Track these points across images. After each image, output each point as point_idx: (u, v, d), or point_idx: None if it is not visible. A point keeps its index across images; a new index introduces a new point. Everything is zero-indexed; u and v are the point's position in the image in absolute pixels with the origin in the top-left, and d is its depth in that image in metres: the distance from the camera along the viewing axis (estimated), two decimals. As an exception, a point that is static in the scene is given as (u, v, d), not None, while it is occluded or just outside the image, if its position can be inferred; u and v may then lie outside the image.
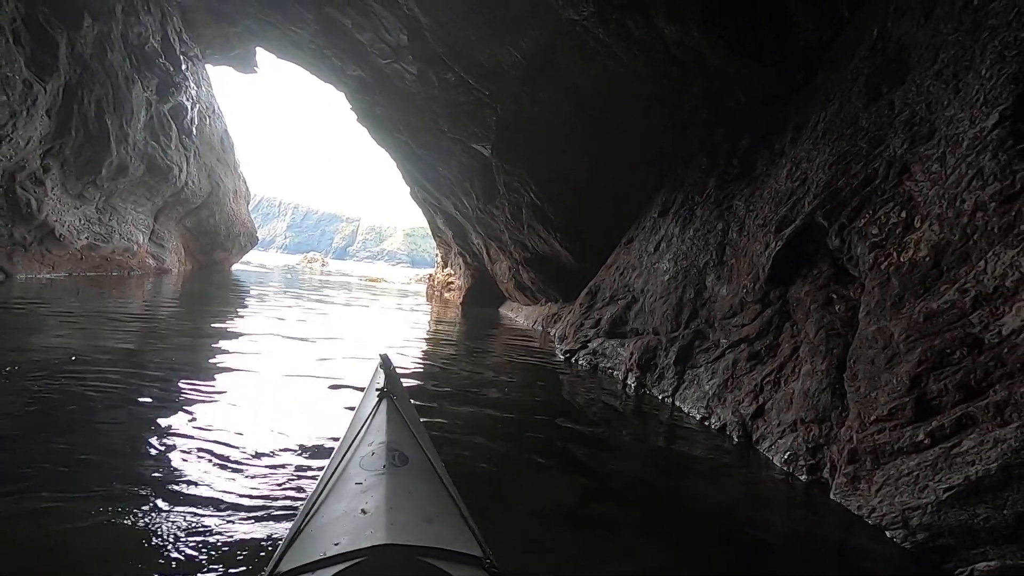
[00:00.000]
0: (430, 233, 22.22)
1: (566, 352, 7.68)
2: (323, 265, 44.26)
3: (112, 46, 11.55)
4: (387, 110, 12.12)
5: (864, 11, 5.06)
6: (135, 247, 14.99)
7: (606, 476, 3.63)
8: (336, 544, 1.43)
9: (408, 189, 18.70)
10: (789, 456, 3.53)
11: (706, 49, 6.47)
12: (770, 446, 3.78)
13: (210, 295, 14.29)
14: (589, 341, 7.35)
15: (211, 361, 5.74)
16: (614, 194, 9.28)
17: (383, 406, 2.24)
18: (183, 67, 14.94)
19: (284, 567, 1.41)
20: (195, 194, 17.25)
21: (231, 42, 16.93)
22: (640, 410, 5.41)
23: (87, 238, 12.79)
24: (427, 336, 10.72)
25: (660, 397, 5.39)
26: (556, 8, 6.99)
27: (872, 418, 2.90)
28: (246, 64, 19.01)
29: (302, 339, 7.78)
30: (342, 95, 14.76)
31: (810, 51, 5.90)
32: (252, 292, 15.91)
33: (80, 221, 12.42)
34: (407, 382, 5.75)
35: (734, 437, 4.20)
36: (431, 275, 24.65)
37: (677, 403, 5.17)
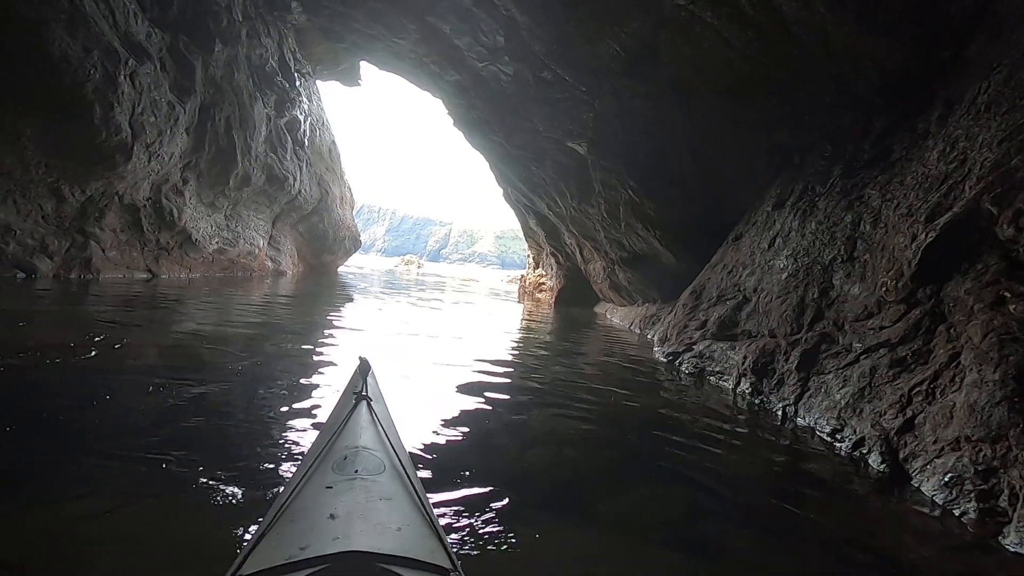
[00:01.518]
0: (519, 235, 22.39)
1: (668, 355, 7.32)
2: (419, 267, 46.16)
3: (238, 67, 12.72)
4: (483, 113, 12.31)
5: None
6: (256, 251, 16.40)
7: (714, 494, 3.30)
8: (302, 548, 1.39)
9: (501, 191, 18.96)
10: (951, 479, 3.05)
11: (832, 26, 5.88)
12: (924, 466, 3.30)
13: (323, 293, 15.31)
14: (694, 343, 6.95)
15: (325, 353, 6.07)
16: (720, 188, 8.75)
17: (360, 410, 2.18)
18: (297, 83, 16.16)
19: (248, 569, 1.37)
20: (307, 201, 18.59)
21: (338, 58, 18.12)
22: (755, 419, 5.00)
23: (217, 243, 14.17)
24: (519, 335, 10.73)
25: (780, 405, 4.93)
26: (660, -6, 6.70)
27: (1071, 439, 2.42)
28: (351, 78, 20.26)
29: (408, 333, 8.06)
30: (437, 103, 15.27)
31: (959, 19, 5.17)
32: (360, 291, 16.88)
33: (212, 227, 13.78)
34: (499, 380, 5.76)
35: (874, 454, 3.72)
36: (523, 276, 24.79)
37: (800, 413, 4.71)
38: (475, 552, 2.29)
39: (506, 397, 5.20)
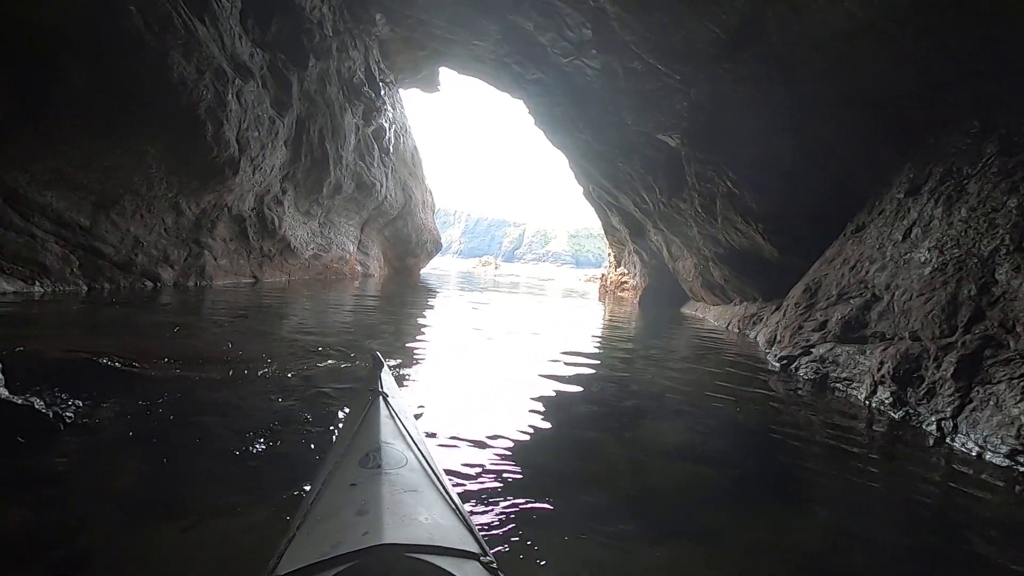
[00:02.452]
0: (593, 233, 22.03)
1: (781, 359, 6.74)
2: (496, 268, 46.67)
3: (330, 81, 13.28)
4: (566, 109, 12.08)
5: None
6: (347, 255, 17.11)
7: (860, 523, 2.89)
8: (334, 545, 1.42)
9: (579, 190, 18.65)
10: None
11: (982, -20, 5.15)
12: None
13: (412, 294, 15.72)
14: (812, 346, 6.34)
15: (416, 347, 6.09)
16: (832, 175, 7.99)
17: (377, 406, 2.22)
18: (382, 93, 16.67)
19: (283, 569, 1.40)
20: (392, 206, 19.18)
21: (419, 65, 18.55)
22: (898, 435, 4.42)
23: (312, 249, 14.90)
24: (609, 335, 10.37)
25: (933, 419, 4.32)
26: (768, -33, 6.18)
27: None
28: (431, 84, 20.71)
29: (498, 330, 8.00)
30: (511, 105, 15.41)
31: None
32: (444, 292, 17.20)
33: (308, 235, 14.50)
34: (599, 386, 5.53)
35: (1075, 481, 3.12)
36: (603, 275, 24.29)
37: (961, 429, 4.10)
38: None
39: (609, 405, 4.94)
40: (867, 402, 5.09)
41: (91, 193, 8.17)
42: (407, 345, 7.08)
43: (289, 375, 4.49)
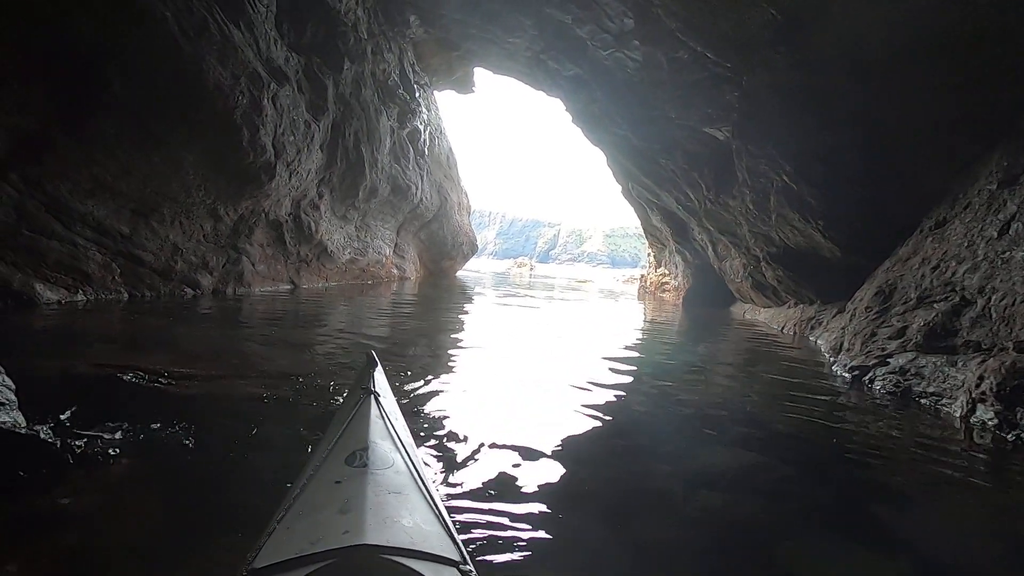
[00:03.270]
0: (630, 233, 21.59)
1: (852, 369, 6.13)
2: (531, 269, 46.33)
3: (365, 84, 13.17)
4: (604, 105, 11.61)
5: None
6: (384, 259, 17.04)
7: (963, 567, 2.49)
8: (312, 543, 1.41)
9: (616, 188, 18.17)
10: None
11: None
12: None
13: (450, 297, 15.54)
14: (890, 356, 5.72)
15: (454, 349, 5.78)
16: (903, 167, 7.31)
17: (367, 405, 2.18)
18: (416, 95, 16.53)
19: (260, 563, 1.38)
20: (428, 209, 19.03)
21: (453, 67, 18.39)
22: (1006, 462, 3.85)
23: (349, 253, 14.84)
24: (655, 340, 9.84)
25: (1054, 446, 3.73)
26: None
27: None
28: (465, 86, 20.54)
29: (542, 334, 7.63)
30: (545, 105, 15.31)
31: None
32: (480, 293, 16.95)
33: (344, 239, 14.45)
34: (648, 398, 5.11)
35: None
36: (642, 275, 23.65)
37: (1090, 457, 3.50)
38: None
39: (659, 421, 4.50)
40: (964, 421, 4.49)
41: (130, 201, 8.18)
42: (436, 350, 6.79)
43: (329, 396, 4.17)
